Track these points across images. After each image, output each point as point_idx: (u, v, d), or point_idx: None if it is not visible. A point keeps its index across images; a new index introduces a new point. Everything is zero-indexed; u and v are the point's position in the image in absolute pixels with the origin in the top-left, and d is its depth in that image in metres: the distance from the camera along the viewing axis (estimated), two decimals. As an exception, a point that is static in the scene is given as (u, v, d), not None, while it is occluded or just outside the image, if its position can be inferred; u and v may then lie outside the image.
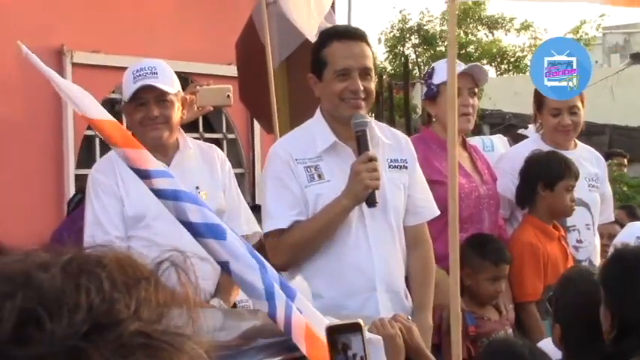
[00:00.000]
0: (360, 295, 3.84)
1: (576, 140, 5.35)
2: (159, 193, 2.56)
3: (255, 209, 6.74)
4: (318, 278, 3.78)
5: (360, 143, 3.80)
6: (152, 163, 2.67)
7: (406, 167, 4.03)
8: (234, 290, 4.21)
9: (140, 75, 4.17)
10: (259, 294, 2.40)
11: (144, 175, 2.62)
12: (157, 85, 4.17)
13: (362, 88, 3.86)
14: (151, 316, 0.93)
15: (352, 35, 3.94)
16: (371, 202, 3.77)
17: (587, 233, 5.11)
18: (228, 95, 5.27)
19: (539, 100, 5.17)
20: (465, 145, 4.86)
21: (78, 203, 5.09)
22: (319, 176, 3.86)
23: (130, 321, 0.91)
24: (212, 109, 5.28)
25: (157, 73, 4.19)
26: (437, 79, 4.71)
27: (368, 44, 3.96)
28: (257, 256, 2.49)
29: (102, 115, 2.77)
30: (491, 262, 4.58)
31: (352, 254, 3.85)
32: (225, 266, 2.44)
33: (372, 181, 3.73)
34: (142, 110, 4.17)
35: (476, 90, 4.83)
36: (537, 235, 4.91)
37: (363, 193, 3.75)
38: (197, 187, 4.22)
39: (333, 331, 2.04)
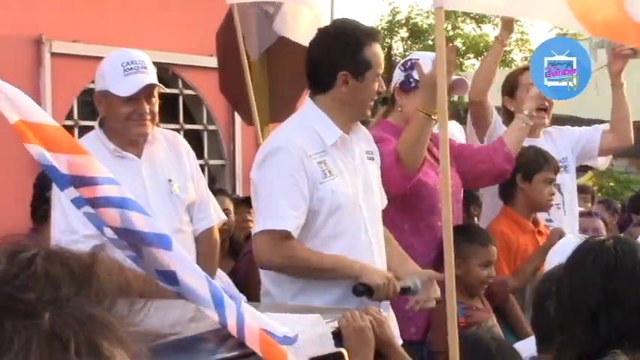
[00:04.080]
0: None
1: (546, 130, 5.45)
2: (105, 201, 2.50)
3: (246, 202, 6.71)
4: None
5: None
6: (98, 170, 2.60)
7: (373, 158, 4.07)
8: (214, 261, 4.27)
9: (132, 69, 4.04)
10: (208, 303, 2.37)
11: (89, 182, 2.54)
12: (155, 83, 4.10)
13: (380, 89, 3.98)
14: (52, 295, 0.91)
15: (379, 37, 4.05)
16: (361, 291, 3.81)
17: (557, 212, 5.22)
18: None
19: (511, 84, 5.24)
20: None
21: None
22: (329, 172, 3.83)
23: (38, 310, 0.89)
24: None
25: (146, 68, 4.09)
26: (418, 75, 4.65)
27: None
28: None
29: (45, 119, 2.68)
30: (480, 244, 4.56)
31: (356, 248, 3.86)
32: (171, 276, 2.39)
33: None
34: (131, 105, 4.04)
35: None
36: (510, 225, 5.00)
37: (381, 286, 3.77)
38: (170, 180, 4.15)
39: None
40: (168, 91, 7.47)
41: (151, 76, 4.11)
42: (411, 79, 4.58)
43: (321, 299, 3.77)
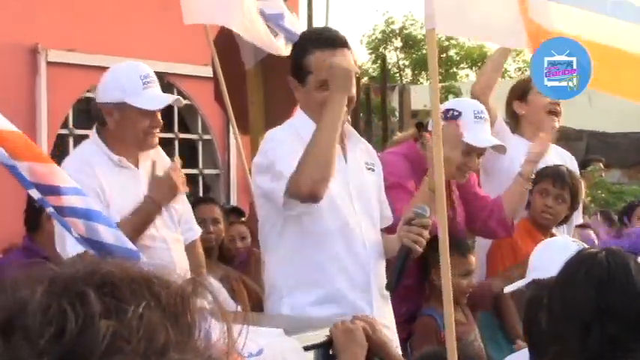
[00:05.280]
0: (361, 289, 3.87)
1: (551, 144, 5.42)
2: (70, 211, 2.48)
3: (235, 212, 6.73)
4: (321, 271, 3.83)
5: None
6: (62, 179, 2.57)
7: (374, 170, 4.07)
8: (203, 271, 4.32)
9: (149, 82, 4.12)
10: None
11: (53, 191, 2.51)
12: (180, 99, 4.26)
13: None
14: (147, 346, 0.83)
15: (333, 43, 3.89)
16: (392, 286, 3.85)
17: (556, 231, 5.17)
18: None
19: (522, 87, 5.26)
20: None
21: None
22: None
23: (108, 354, 0.81)
24: None
25: (156, 80, 4.20)
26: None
27: (349, 49, 3.93)
28: None
29: (5, 125, 2.64)
30: (459, 254, 4.54)
31: (352, 251, 3.88)
32: None
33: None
34: (148, 118, 4.11)
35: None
36: (521, 234, 4.98)
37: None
38: None
39: None
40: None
41: (159, 88, 4.24)
42: None
43: (312, 294, 3.81)
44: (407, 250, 3.79)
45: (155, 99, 4.14)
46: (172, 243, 4.16)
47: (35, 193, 2.65)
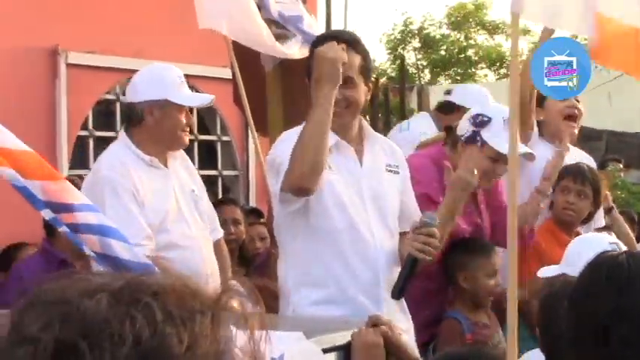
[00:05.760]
0: (368, 291, 3.85)
1: (569, 145, 5.40)
2: (84, 227, 2.47)
3: (254, 213, 6.75)
4: (327, 270, 3.82)
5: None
6: (74, 196, 2.57)
7: (398, 172, 4.04)
8: (229, 270, 4.43)
9: (183, 82, 4.24)
10: None
11: (66, 208, 2.51)
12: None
13: (339, 97, 3.79)
14: (207, 351, 0.88)
15: (336, 40, 3.86)
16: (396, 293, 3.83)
17: (588, 227, 5.20)
18: None
19: (539, 94, 5.14)
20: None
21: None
22: (329, 166, 3.81)
23: (182, 358, 0.85)
24: None
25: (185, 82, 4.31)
26: (487, 135, 4.46)
27: (356, 49, 3.88)
28: None
29: (15, 145, 2.65)
30: (483, 255, 4.54)
31: (360, 252, 3.86)
32: None
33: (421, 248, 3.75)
34: (184, 116, 4.21)
35: None
36: (544, 235, 5.00)
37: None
38: (193, 190, 4.26)
39: None
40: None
41: None
42: (478, 137, 4.48)
43: (316, 293, 3.81)
44: (413, 258, 3.75)
45: (195, 97, 4.30)
46: (203, 241, 4.23)
47: (48, 214, 2.67)
